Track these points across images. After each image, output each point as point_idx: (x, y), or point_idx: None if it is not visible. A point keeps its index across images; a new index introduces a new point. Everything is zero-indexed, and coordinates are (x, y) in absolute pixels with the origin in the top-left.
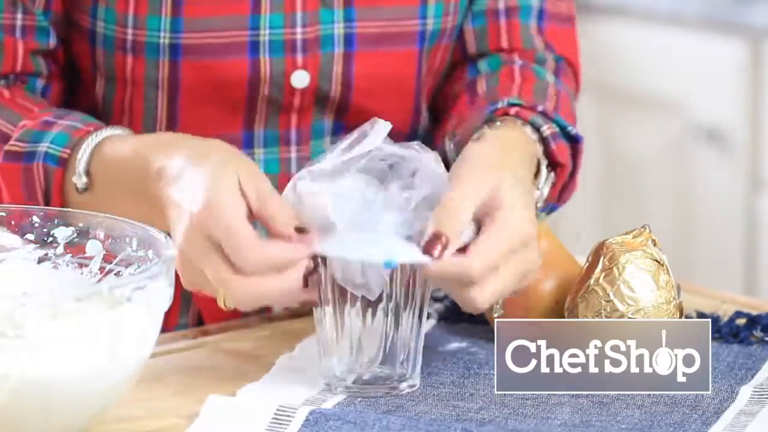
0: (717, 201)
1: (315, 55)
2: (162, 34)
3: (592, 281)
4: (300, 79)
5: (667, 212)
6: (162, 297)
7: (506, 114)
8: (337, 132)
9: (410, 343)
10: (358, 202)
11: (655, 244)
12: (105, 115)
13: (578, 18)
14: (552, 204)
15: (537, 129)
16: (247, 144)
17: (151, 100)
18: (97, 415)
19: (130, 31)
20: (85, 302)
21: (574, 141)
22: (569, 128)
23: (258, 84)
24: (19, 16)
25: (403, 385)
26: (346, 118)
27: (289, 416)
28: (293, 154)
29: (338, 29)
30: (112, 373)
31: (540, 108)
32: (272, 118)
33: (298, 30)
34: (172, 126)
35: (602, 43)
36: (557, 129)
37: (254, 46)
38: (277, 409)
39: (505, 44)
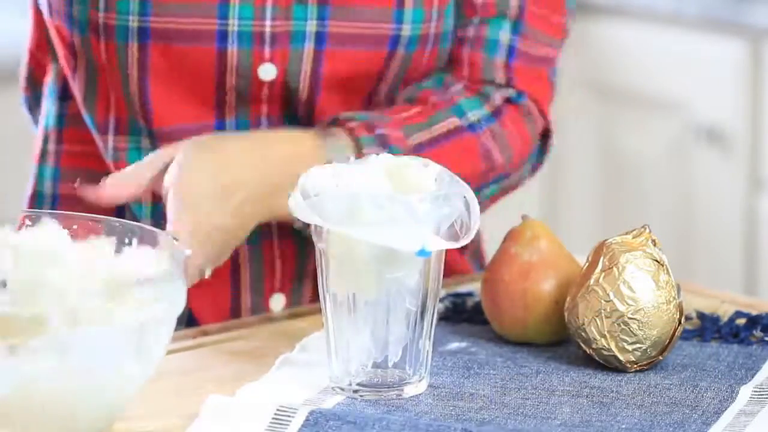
0: (717, 201)
1: (284, 50)
2: (131, 17)
3: (592, 281)
4: (267, 71)
5: (667, 212)
6: (179, 298)
7: (347, 123)
8: (308, 123)
9: (424, 345)
10: (381, 193)
11: (655, 244)
12: (80, 101)
13: (578, 18)
14: None
15: (360, 148)
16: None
17: (124, 86)
18: (119, 414)
19: (101, 14)
20: (111, 304)
21: None
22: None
23: (225, 73)
24: None
25: (415, 387)
26: (315, 111)
27: (289, 416)
28: None
29: (310, 26)
30: (136, 374)
31: (380, 131)
32: (242, 107)
33: (267, 23)
34: (145, 114)
35: (602, 43)
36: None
37: (222, 36)
38: (277, 409)
39: (465, 73)
